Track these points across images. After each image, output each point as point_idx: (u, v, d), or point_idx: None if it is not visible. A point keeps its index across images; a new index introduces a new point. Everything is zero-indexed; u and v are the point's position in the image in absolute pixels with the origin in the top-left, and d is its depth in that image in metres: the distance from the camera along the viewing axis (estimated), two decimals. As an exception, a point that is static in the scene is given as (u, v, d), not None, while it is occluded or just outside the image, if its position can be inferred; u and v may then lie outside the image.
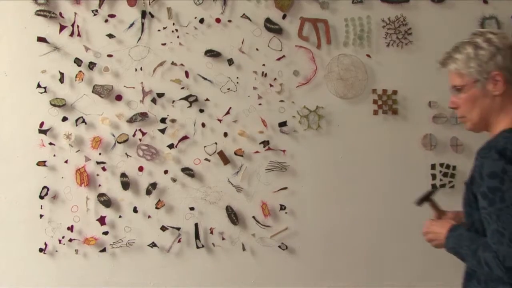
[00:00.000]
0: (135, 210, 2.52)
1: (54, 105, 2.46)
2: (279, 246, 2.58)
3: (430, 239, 1.65)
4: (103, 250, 2.51)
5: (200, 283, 2.55)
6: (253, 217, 2.57)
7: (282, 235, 2.58)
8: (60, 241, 2.48)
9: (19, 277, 2.47)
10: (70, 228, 2.48)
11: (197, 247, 2.55)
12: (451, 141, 2.62)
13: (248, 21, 2.56)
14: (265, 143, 2.58)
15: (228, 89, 2.56)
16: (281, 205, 2.58)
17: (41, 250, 2.47)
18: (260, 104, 2.58)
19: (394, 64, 2.62)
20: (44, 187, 2.46)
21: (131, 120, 2.51)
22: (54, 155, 2.47)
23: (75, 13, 2.47)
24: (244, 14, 2.56)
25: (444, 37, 2.64)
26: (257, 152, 2.58)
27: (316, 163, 2.59)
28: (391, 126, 2.62)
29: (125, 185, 2.51)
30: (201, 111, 2.55)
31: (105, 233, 2.51)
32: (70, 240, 2.48)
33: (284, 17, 2.58)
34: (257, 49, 2.57)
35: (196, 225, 2.55)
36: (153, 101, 2.52)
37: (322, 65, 2.59)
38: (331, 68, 2.59)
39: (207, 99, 2.55)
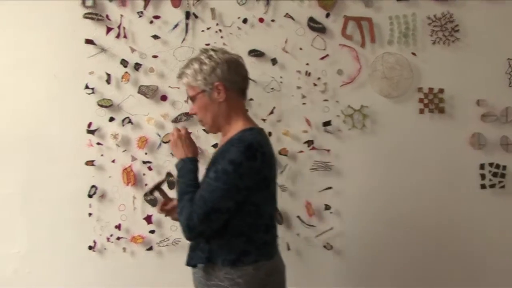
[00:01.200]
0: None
1: (101, 106, 2.51)
2: (324, 246, 2.57)
3: (173, 143, 1.92)
4: (150, 248, 2.54)
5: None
6: (298, 216, 2.57)
7: (327, 235, 2.57)
8: (108, 239, 2.52)
9: (69, 274, 2.51)
10: (118, 227, 2.52)
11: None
12: (501, 140, 2.57)
13: (291, 21, 2.56)
14: (310, 142, 2.57)
15: (272, 88, 2.56)
16: (326, 205, 2.57)
17: (90, 248, 2.52)
18: (304, 103, 2.57)
19: (440, 62, 2.58)
20: (93, 186, 2.51)
21: (176, 120, 2.53)
22: (102, 155, 2.51)
23: (121, 15, 2.51)
24: (287, 13, 2.55)
25: (492, 34, 2.59)
26: (301, 151, 2.57)
27: (361, 162, 2.57)
28: (438, 125, 2.58)
29: (171, 185, 2.53)
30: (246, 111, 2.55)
31: (152, 231, 2.54)
32: (118, 238, 2.52)
33: (327, 16, 2.57)
34: (300, 48, 2.56)
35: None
36: (198, 101, 2.54)
37: (367, 63, 2.57)
38: (376, 67, 2.56)
39: (251, 99, 2.55)
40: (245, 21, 2.55)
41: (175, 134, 1.93)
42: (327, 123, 2.57)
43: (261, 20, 2.55)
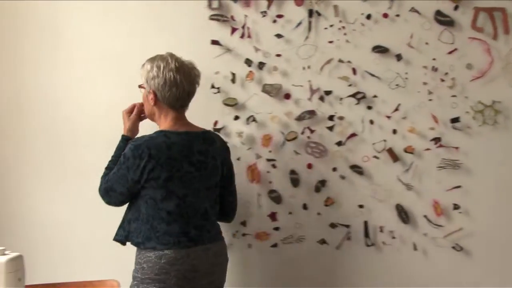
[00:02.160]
0: (304, 207, 2.55)
1: (226, 105, 2.56)
2: (453, 247, 2.49)
3: (123, 115, 2.28)
4: (274, 245, 2.56)
5: (370, 282, 2.53)
6: (425, 216, 2.50)
7: (456, 235, 2.48)
8: (234, 235, 2.57)
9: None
10: (243, 223, 2.56)
11: (367, 245, 2.53)
12: None
13: (417, 15, 2.50)
14: (437, 140, 2.50)
15: (397, 85, 2.51)
16: (454, 204, 2.49)
17: (217, 244, 2.57)
18: (430, 99, 2.50)
19: None
20: (218, 183, 2.56)
21: (299, 118, 2.54)
22: (227, 153, 2.56)
23: (245, 15, 2.55)
24: (412, 7, 2.49)
25: None
26: (428, 149, 2.50)
27: (493, 160, 2.47)
28: None
29: (295, 182, 2.54)
30: (369, 108, 2.52)
31: (276, 228, 2.56)
32: (243, 234, 2.56)
33: (456, 8, 2.48)
34: (426, 43, 2.49)
35: (365, 222, 2.53)
36: (321, 99, 2.54)
37: (499, 56, 2.46)
38: (510, 59, 2.44)
39: (375, 96, 2.52)
40: (368, 17, 2.52)
41: (128, 107, 2.26)
42: (455, 120, 2.49)
43: (385, 15, 2.51)
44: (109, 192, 2.11)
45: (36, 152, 2.58)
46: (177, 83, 2.10)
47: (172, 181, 2.05)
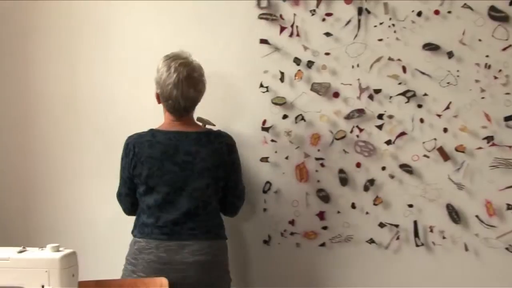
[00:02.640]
0: (353, 206, 2.54)
1: (275, 104, 2.56)
2: (507, 248, 2.44)
3: None
4: (322, 244, 2.56)
5: (420, 283, 2.50)
6: (476, 216, 2.46)
7: (510, 236, 2.43)
8: (282, 234, 2.58)
9: (247, 265, 2.62)
10: (291, 222, 2.57)
11: (417, 245, 2.50)
12: None
13: (470, 11, 2.45)
14: (489, 138, 2.45)
15: (448, 83, 2.47)
16: (508, 204, 2.44)
17: (265, 242, 2.59)
18: (483, 97, 2.45)
19: None
20: (267, 182, 2.58)
21: (348, 117, 2.53)
22: (276, 152, 2.57)
23: (294, 14, 2.54)
24: (465, 4, 2.44)
25: None
26: (480, 148, 2.46)
27: (549, 160, 2.41)
28: None
29: (343, 181, 2.54)
30: (419, 106, 2.49)
31: (324, 228, 2.56)
32: (292, 233, 2.57)
33: (511, 3, 2.42)
34: (479, 40, 2.45)
35: (415, 222, 2.50)
36: (370, 97, 2.52)
37: (557, 53, 2.39)
38: None
39: (425, 94, 2.48)
40: (419, 14, 2.48)
41: None
42: (509, 118, 2.43)
43: (436, 12, 2.47)
44: (119, 198, 2.32)
45: (90, 151, 2.65)
46: (172, 97, 2.16)
47: (152, 178, 2.17)
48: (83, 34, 2.64)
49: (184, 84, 2.16)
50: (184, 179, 2.18)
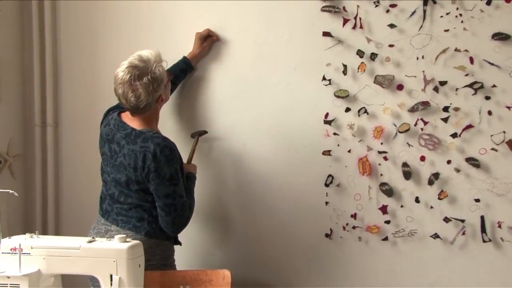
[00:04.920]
0: (417, 200, 2.50)
1: (338, 97, 2.55)
2: None
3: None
4: (385, 238, 2.54)
5: (487, 280, 2.44)
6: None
7: None
8: (344, 227, 2.57)
9: (309, 258, 2.63)
10: (353, 216, 2.56)
11: (483, 241, 2.44)
12: None
13: (543, -1, 2.35)
14: None
15: (518, 74, 2.39)
16: None
17: (327, 235, 2.59)
18: (556, 89, 2.36)
19: None
20: (329, 175, 2.57)
21: (412, 110, 2.49)
22: (338, 145, 2.56)
23: (358, 6, 2.52)
24: (538, -9, 2.35)
25: None
26: (552, 141, 2.36)
27: None
28: None
29: (407, 175, 2.50)
30: (487, 98, 2.42)
31: (387, 222, 2.53)
32: (354, 227, 2.56)
33: None
34: (553, 29, 2.35)
35: (482, 217, 2.44)
36: (435, 89, 2.47)
37: None
38: None
39: (494, 86, 2.41)
40: (488, 2, 2.40)
41: (203, 33, 2.59)
42: None
43: (508, 0, 2.38)
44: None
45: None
46: (120, 98, 2.21)
47: (100, 154, 2.35)
48: (150, 31, 2.72)
49: (126, 87, 2.16)
50: (112, 166, 2.26)
